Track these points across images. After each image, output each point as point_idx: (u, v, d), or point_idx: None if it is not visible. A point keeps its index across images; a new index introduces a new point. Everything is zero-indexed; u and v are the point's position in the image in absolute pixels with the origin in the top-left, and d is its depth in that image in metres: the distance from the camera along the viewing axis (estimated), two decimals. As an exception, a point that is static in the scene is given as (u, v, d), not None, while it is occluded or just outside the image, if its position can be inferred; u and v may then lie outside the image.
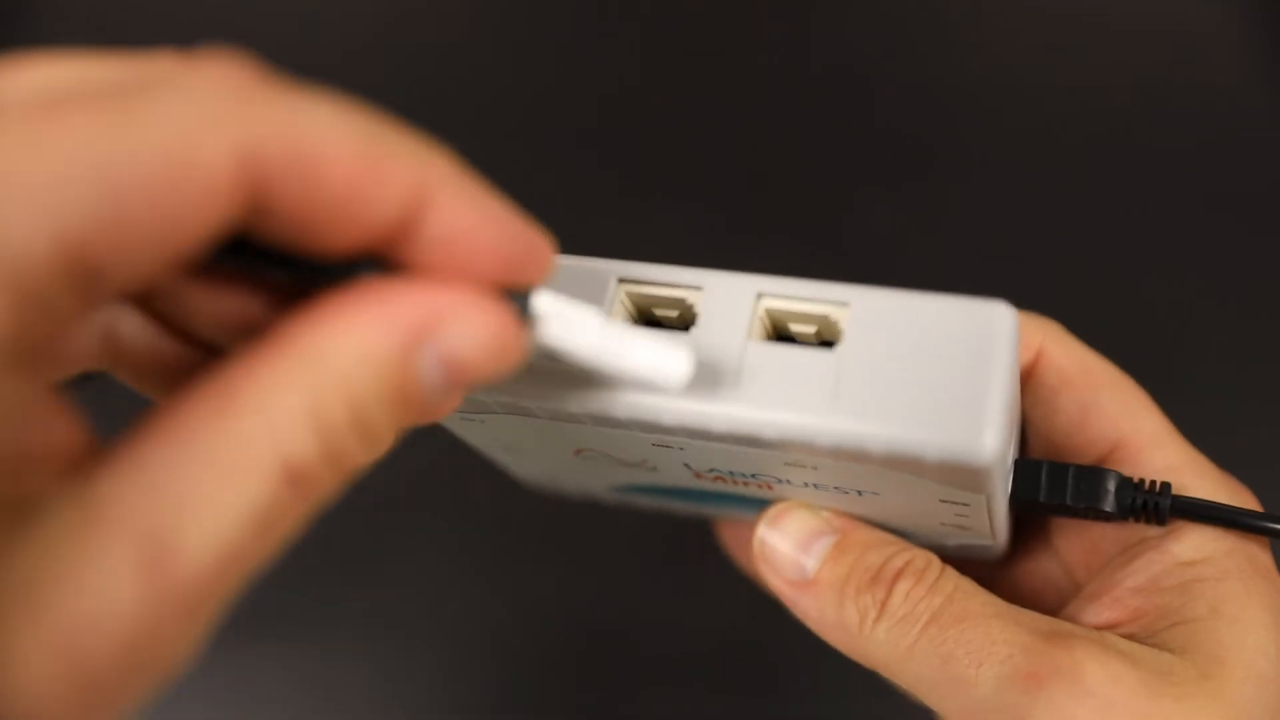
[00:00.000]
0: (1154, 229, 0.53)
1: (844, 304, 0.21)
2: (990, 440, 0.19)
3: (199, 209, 0.14)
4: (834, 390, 0.20)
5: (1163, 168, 0.53)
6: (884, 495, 0.23)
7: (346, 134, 0.15)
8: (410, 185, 0.16)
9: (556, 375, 0.21)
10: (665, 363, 0.20)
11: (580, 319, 0.19)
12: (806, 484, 0.24)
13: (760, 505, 0.26)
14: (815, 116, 0.57)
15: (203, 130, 0.14)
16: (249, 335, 0.18)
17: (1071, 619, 0.25)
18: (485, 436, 0.26)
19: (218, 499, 0.14)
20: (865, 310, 0.21)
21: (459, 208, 0.16)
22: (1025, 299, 0.53)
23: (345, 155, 0.15)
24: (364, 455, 0.16)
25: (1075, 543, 0.27)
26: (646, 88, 0.58)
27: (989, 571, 0.29)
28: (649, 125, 0.57)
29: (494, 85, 0.59)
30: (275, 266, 0.17)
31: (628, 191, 0.55)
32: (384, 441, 0.17)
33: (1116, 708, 0.21)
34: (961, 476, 0.21)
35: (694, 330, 0.21)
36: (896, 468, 0.21)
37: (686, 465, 0.24)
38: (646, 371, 0.20)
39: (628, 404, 0.21)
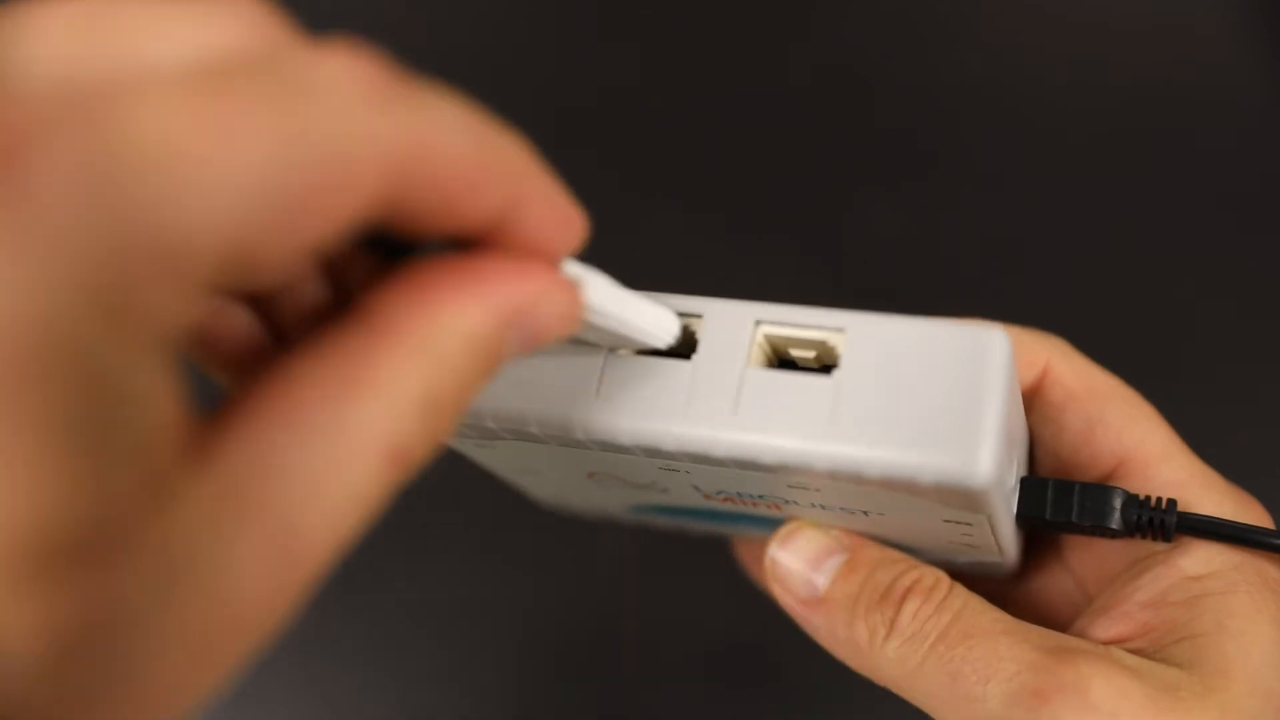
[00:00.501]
0: (1155, 228, 0.53)
1: (840, 330, 0.21)
2: (985, 463, 0.20)
3: (344, 211, 0.15)
4: (830, 415, 0.20)
5: (1163, 167, 0.53)
6: (889, 515, 0.23)
7: (467, 140, 0.16)
8: (512, 185, 0.17)
9: (558, 399, 0.22)
10: (663, 319, 0.21)
11: (601, 281, 0.20)
12: (813, 505, 0.24)
13: (774, 524, 0.26)
14: (815, 116, 0.57)
15: (359, 138, 0.14)
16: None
17: (1081, 633, 0.25)
18: (500, 461, 0.26)
19: (340, 485, 0.15)
20: (861, 336, 0.21)
21: (544, 202, 0.17)
22: (1025, 298, 0.53)
23: (465, 161, 0.16)
24: (454, 428, 0.17)
25: (1086, 557, 0.27)
26: (646, 88, 0.58)
27: (1003, 587, 0.29)
28: (649, 125, 0.57)
29: (493, 85, 0.58)
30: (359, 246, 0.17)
31: (627, 190, 0.55)
32: (467, 408, 0.17)
33: None
34: (959, 499, 0.21)
35: (695, 357, 0.22)
36: (895, 490, 0.21)
37: (695, 487, 0.25)
38: (653, 327, 0.21)
39: (630, 431, 0.21)
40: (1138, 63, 0.55)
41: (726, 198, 0.55)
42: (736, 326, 0.22)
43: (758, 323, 0.22)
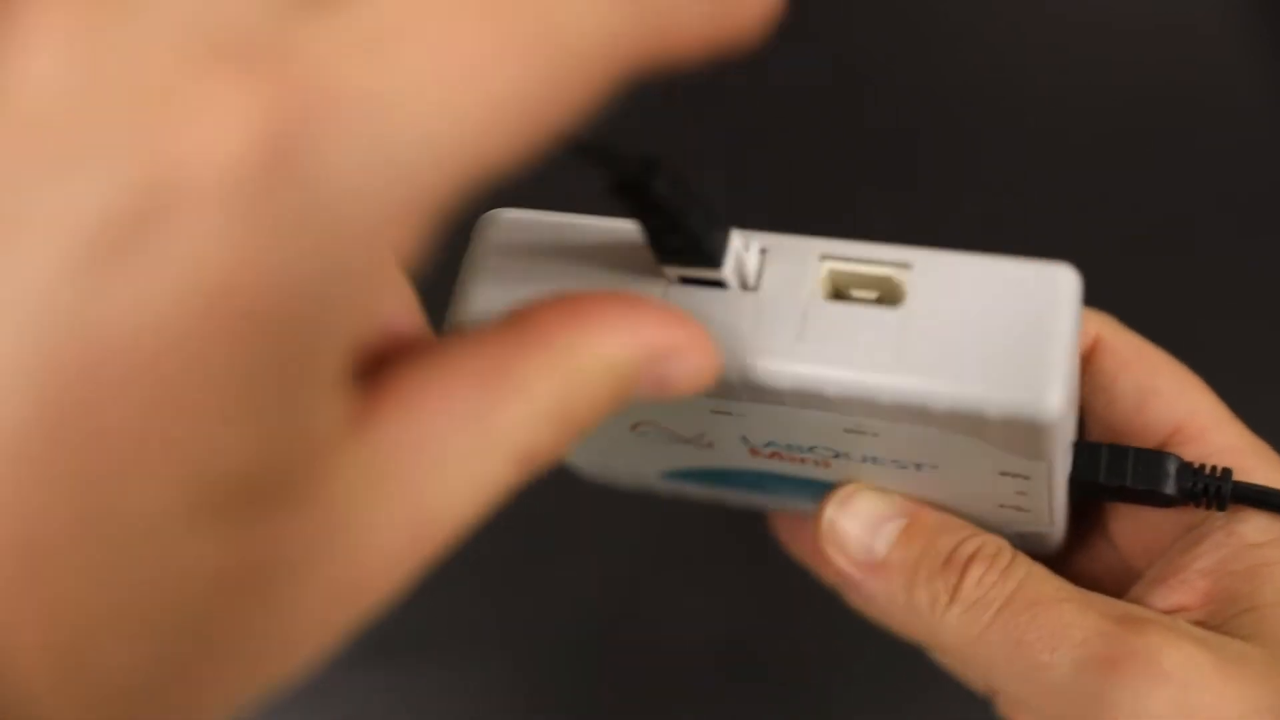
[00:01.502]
0: (1156, 228, 0.53)
1: (906, 265, 0.21)
2: (1054, 397, 0.19)
3: (575, 110, 0.14)
4: (898, 347, 0.20)
5: (1165, 167, 0.54)
6: (942, 469, 0.23)
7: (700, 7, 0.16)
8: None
9: None
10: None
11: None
12: (864, 458, 0.23)
13: (815, 489, 0.26)
14: (817, 117, 0.56)
15: (601, 39, 0.14)
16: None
17: (1138, 603, 0.24)
18: None
19: (471, 478, 0.15)
20: (928, 271, 0.21)
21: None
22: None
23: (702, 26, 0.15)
24: (571, 446, 0.18)
25: (1133, 527, 0.27)
26: (646, 86, 0.58)
27: (1048, 564, 0.29)
28: (649, 124, 0.57)
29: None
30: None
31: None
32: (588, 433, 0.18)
33: (1193, 690, 0.21)
34: (1024, 437, 0.21)
35: (759, 288, 0.21)
36: (958, 429, 0.21)
37: (744, 438, 0.24)
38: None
39: None
40: (1139, 63, 0.56)
41: (728, 198, 0.55)
42: (801, 260, 0.21)
43: (823, 257, 0.22)
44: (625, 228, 0.23)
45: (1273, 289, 0.52)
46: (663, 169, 0.19)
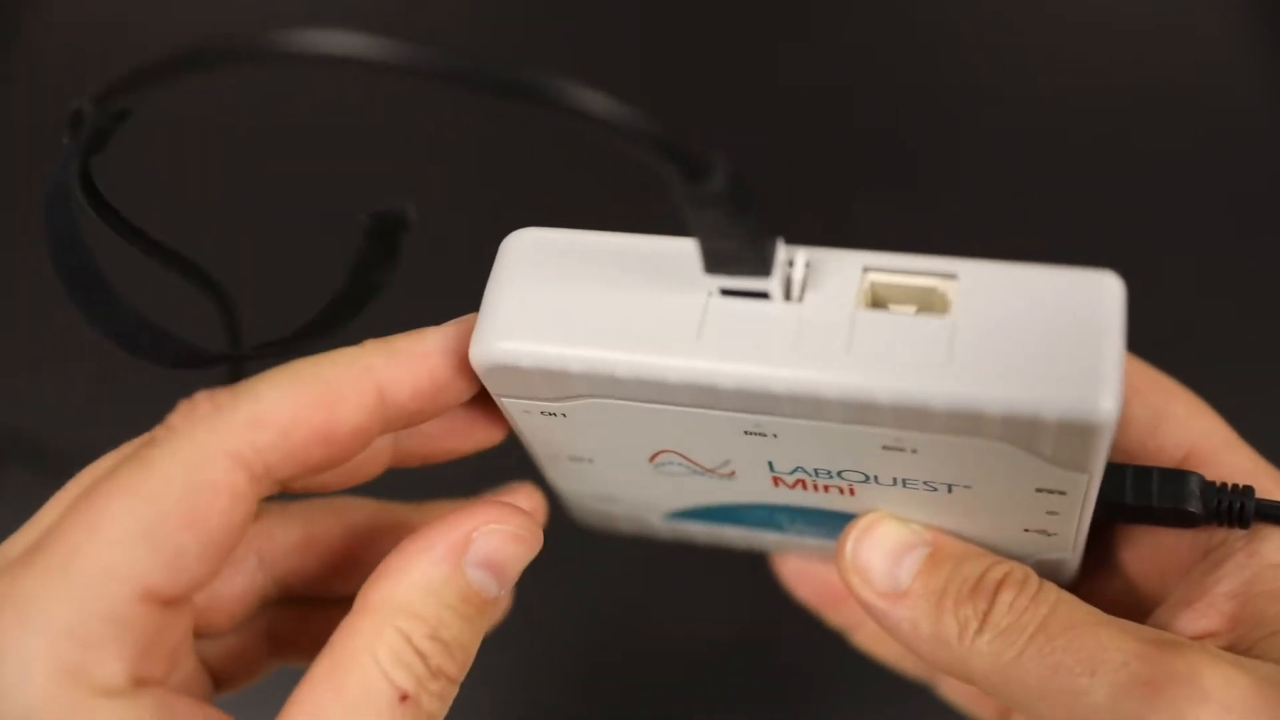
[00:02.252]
0: (1155, 228, 0.53)
1: (951, 276, 0.21)
2: (1109, 399, 0.19)
3: None
4: (949, 355, 0.20)
5: (1164, 167, 0.54)
6: (976, 488, 0.23)
7: None
8: None
9: (655, 342, 0.21)
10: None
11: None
12: (895, 480, 0.23)
13: (832, 523, 0.26)
14: (815, 118, 0.56)
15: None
16: None
17: (1163, 628, 0.24)
18: (559, 438, 0.25)
19: None
20: (974, 281, 0.21)
21: None
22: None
23: None
24: (456, 661, 0.22)
25: (1146, 554, 0.27)
26: (645, 88, 0.57)
27: None
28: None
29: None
30: None
31: (622, 195, 0.55)
32: (469, 642, 0.22)
33: (1234, 712, 0.21)
34: (1075, 444, 0.20)
35: (804, 300, 0.21)
36: (1008, 438, 0.21)
37: (770, 464, 0.24)
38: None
39: (735, 373, 0.21)
40: (1139, 63, 0.55)
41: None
42: (844, 272, 0.21)
43: (865, 269, 0.21)
44: (657, 243, 0.22)
45: (1273, 289, 0.52)
46: (725, 165, 0.18)
